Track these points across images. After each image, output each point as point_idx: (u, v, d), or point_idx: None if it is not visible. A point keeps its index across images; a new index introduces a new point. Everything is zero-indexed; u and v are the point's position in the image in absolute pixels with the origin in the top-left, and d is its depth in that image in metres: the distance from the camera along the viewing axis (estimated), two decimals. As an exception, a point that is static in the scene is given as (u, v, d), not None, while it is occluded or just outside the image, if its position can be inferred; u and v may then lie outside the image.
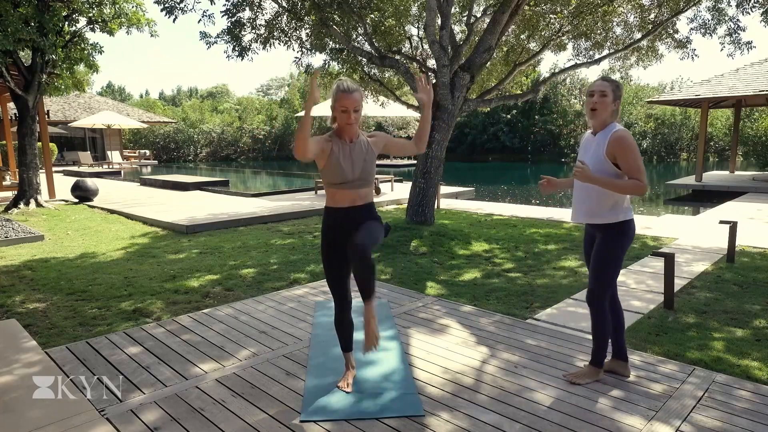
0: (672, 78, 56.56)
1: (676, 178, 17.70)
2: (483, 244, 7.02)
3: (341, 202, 2.78)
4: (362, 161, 2.75)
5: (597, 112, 2.81)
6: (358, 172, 2.74)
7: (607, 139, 2.78)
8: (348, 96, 2.63)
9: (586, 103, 2.87)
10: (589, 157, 2.84)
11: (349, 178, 2.73)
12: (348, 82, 2.67)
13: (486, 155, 33.78)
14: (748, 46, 8.36)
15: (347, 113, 2.66)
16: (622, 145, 2.73)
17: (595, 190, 2.83)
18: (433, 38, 7.20)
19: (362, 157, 2.75)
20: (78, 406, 2.76)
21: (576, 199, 2.97)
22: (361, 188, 2.77)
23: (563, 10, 8.36)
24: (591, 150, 2.87)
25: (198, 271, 5.81)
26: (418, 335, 3.76)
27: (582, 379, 2.98)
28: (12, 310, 4.54)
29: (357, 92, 2.65)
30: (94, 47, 10.57)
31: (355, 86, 2.67)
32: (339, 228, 2.79)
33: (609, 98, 2.78)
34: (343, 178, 2.72)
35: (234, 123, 39.35)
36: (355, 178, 2.73)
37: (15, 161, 12.67)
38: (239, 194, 13.01)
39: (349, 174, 2.72)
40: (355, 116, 2.67)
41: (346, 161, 2.72)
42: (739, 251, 6.35)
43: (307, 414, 2.69)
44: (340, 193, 2.76)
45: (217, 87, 63.64)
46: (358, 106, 2.67)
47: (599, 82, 2.83)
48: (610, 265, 2.88)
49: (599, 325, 2.95)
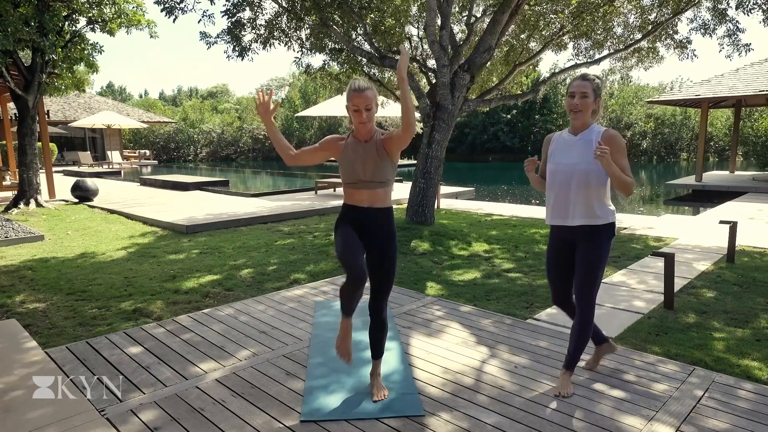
0: (672, 78, 56.59)
1: (676, 178, 17.70)
2: (483, 244, 7.02)
3: (360, 201, 2.75)
4: (373, 162, 2.70)
5: (580, 113, 2.75)
6: (369, 173, 2.70)
7: (596, 138, 2.74)
8: (359, 95, 2.60)
9: (567, 104, 2.80)
10: (575, 157, 2.77)
11: (361, 178, 2.71)
12: (360, 81, 2.64)
13: (486, 155, 33.78)
14: (747, 47, 8.36)
15: (359, 112, 2.63)
16: (617, 144, 2.71)
17: (594, 189, 2.74)
18: (433, 38, 7.21)
19: (374, 157, 2.70)
20: (78, 406, 2.76)
21: (566, 201, 2.80)
22: (375, 189, 2.73)
23: (564, 9, 8.36)
24: (576, 150, 2.78)
25: (198, 271, 5.81)
26: (418, 335, 3.76)
27: (568, 389, 2.87)
28: (12, 310, 4.54)
29: (369, 90, 2.62)
30: (94, 47, 10.56)
31: (367, 85, 2.63)
32: (356, 221, 2.77)
33: (590, 99, 2.73)
34: (354, 177, 2.71)
35: (234, 123, 39.36)
36: (367, 178, 2.70)
37: (15, 161, 12.67)
38: (239, 194, 13.01)
39: (360, 173, 2.70)
40: (367, 115, 2.64)
41: (357, 161, 2.70)
42: (739, 251, 6.35)
43: (307, 414, 2.69)
44: (356, 193, 2.75)
45: (218, 87, 63.65)
46: (370, 105, 2.63)
47: (579, 83, 2.75)
48: (603, 268, 2.84)
49: (589, 330, 2.91)
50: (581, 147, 2.78)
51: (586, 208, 2.78)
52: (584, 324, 2.88)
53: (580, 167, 2.75)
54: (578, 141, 2.81)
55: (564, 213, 2.84)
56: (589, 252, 2.81)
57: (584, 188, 2.75)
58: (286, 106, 40.88)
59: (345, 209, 2.84)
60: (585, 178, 2.75)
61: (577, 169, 2.75)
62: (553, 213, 2.90)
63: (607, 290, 4.95)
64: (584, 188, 2.75)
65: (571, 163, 2.78)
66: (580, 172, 2.75)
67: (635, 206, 13.26)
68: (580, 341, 2.89)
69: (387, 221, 2.80)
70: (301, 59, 9.13)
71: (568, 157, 2.81)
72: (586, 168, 2.73)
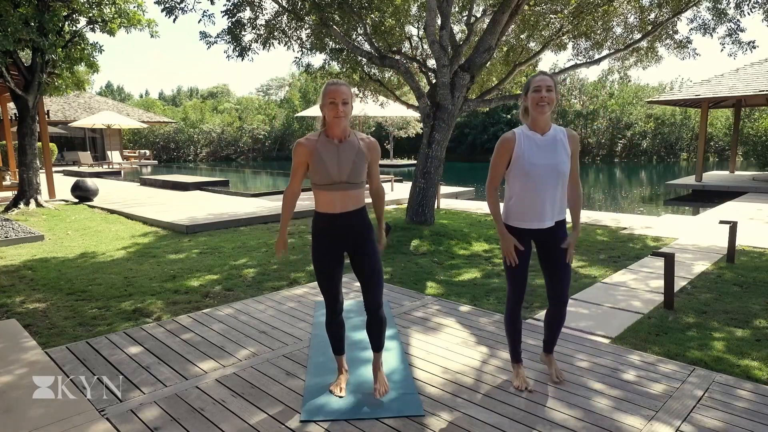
0: (672, 78, 56.59)
1: (676, 178, 17.70)
2: (483, 244, 7.02)
3: (331, 207, 2.67)
4: (351, 162, 2.63)
5: (547, 106, 2.68)
6: (346, 174, 2.63)
7: (565, 137, 2.77)
8: (336, 88, 2.57)
9: (534, 99, 2.67)
10: (552, 158, 2.72)
11: (336, 179, 2.62)
12: (336, 80, 2.66)
13: (486, 155, 33.66)
14: (751, 45, 8.33)
15: (335, 105, 2.56)
16: (578, 144, 2.83)
17: (561, 187, 2.77)
18: (433, 38, 7.21)
19: (351, 158, 2.63)
20: (78, 406, 2.76)
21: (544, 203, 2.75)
22: (349, 190, 2.65)
23: (563, 9, 8.36)
24: (549, 151, 2.72)
25: (198, 271, 5.81)
26: (418, 335, 3.76)
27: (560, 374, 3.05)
28: (12, 310, 4.54)
29: (345, 86, 2.61)
30: (95, 47, 10.57)
31: (344, 82, 2.65)
32: (331, 232, 2.72)
33: (553, 93, 2.69)
34: (328, 178, 2.61)
35: (234, 123, 39.37)
36: (342, 179, 2.62)
37: (15, 161, 12.67)
38: (239, 194, 13.02)
39: (335, 174, 2.62)
40: (343, 109, 2.57)
41: (332, 161, 2.62)
42: (739, 251, 6.35)
43: (307, 414, 2.69)
44: (328, 196, 2.65)
45: (218, 87, 63.66)
46: (347, 98, 2.58)
47: (542, 77, 2.67)
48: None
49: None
50: (554, 147, 2.75)
51: (561, 206, 2.83)
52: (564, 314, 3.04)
53: (559, 168, 2.73)
54: (549, 141, 2.75)
55: (541, 216, 2.77)
56: (564, 254, 2.88)
57: (561, 188, 2.79)
58: (286, 106, 40.89)
59: (317, 221, 2.75)
60: (563, 179, 2.76)
61: (556, 171, 2.72)
62: (527, 216, 2.79)
63: (607, 290, 4.95)
64: (561, 188, 2.79)
65: (551, 164, 2.71)
66: (559, 173, 2.73)
67: (635, 206, 13.26)
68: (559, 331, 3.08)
69: (361, 221, 2.75)
70: (301, 59, 9.14)
71: (543, 158, 2.72)
72: (563, 169, 2.74)
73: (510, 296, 2.97)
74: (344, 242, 2.76)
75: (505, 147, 2.77)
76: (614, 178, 22.87)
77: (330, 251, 2.75)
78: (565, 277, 2.89)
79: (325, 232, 2.74)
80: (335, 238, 2.74)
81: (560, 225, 2.87)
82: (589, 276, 5.49)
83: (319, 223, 2.75)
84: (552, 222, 2.82)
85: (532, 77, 2.76)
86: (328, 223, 2.72)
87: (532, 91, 2.70)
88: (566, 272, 2.89)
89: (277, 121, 40.22)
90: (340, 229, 2.72)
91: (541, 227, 2.81)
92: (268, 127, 39.43)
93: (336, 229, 2.72)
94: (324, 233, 2.75)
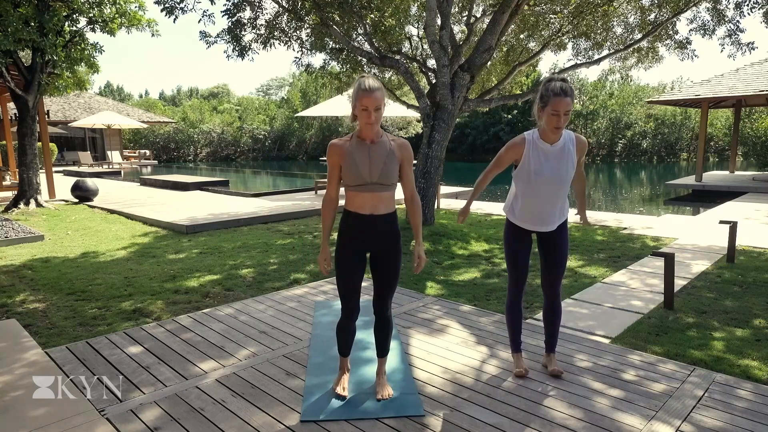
0: (672, 78, 56.69)
1: (676, 178, 17.70)
2: (483, 244, 7.02)
3: (361, 207, 2.67)
4: (382, 163, 2.63)
5: (561, 129, 2.74)
6: (377, 175, 2.63)
7: (573, 145, 2.85)
8: (369, 96, 2.52)
9: (551, 121, 2.70)
10: (560, 169, 2.82)
11: (367, 180, 2.62)
12: (369, 81, 2.57)
13: (487, 155, 33.74)
14: (750, 46, 8.33)
15: (368, 112, 2.55)
16: (585, 150, 2.92)
17: (564, 191, 2.89)
18: (433, 38, 7.21)
19: (382, 159, 2.64)
20: (78, 406, 2.76)
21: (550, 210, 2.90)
22: (380, 192, 2.66)
23: (563, 10, 8.36)
24: (557, 161, 2.82)
25: (198, 271, 5.81)
26: (418, 335, 3.76)
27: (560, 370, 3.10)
28: (12, 310, 4.54)
29: (378, 91, 2.55)
30: (95, 47, 10.57)
31: (377, 84, 2.55)
32: (359, 234, 2.72)
33: (570, 111, 2.72)
34: (359, 179, 2.62)
35: (234, 123, 39.37)
36: (374, 180, 2.63)
37: (15, 161, 12.68)
38: (239, 194, 13.01)
39: (366, 175, 2.62)
40: (375, 116, 2.56)
41: (363, 162, 2.62)
42: (739, 251, 6.35)
43: (307, 414, 2.69)
44: (359, 197, 2.66)
45: (218, 87, 63.66)
46: (380, 105, 2.56)
47: (562, 99, 2.66)
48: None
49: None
50: (560, 157, 2.84)
51: (563, 210, 2.96)
52: (560, 311, 3.15)
53: (563, 177, 2.84)
54: (557, 152, 2.83)
55: (546, 221, 2.96)
56: (563, 244, 3.01)
57: (564, 195, 2.91)
58: (286, 106, 40.88)
59: (346, 219, 2.75)
60: (565, 186, 2.89)
61: (560, 180, 2.85)
62: (532, 220, 2.96)
63: (607, 290, 4.95)
64: (564, 195, 2.91)
65: (555, 175, 2.83)
66: (562, 182, 2.86)
67: (635, 206, 13.26)
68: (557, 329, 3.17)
69: (390, 226, 2.76)
70: (301, 59, 9.14)
71: (549, 169, 2.83)
72: (567, 177, 2.85)
73: (511, 287, 3.12)
74: (371, 245, 2.76)
75: (513, 150, 2.90)
76: (614, 178, 22.87)
77: (355, 253, 2.75)
78: (557, 271, 3.03)
79: (353, 233, 2.73)
80: (362, 240, 2.73)
81: (562, 225, 3.01)
82: (589, 276, 5.49)
83: (348, 221, 2.75)
84: (555, 226, 2.98)
85: (550, 87, 2.70)
86: (356, 224, 2.71)
87: (550, 112, 2.70)
88: (562, 261, 3.04)
89: (277, 121, 40.22)
90: (369, 233, 2.72)
91: (542, 230, 3.00)
92: (268, 127, 39.43)
93: (364, 232, 2.72)
94: (351, 233, 2.74)
